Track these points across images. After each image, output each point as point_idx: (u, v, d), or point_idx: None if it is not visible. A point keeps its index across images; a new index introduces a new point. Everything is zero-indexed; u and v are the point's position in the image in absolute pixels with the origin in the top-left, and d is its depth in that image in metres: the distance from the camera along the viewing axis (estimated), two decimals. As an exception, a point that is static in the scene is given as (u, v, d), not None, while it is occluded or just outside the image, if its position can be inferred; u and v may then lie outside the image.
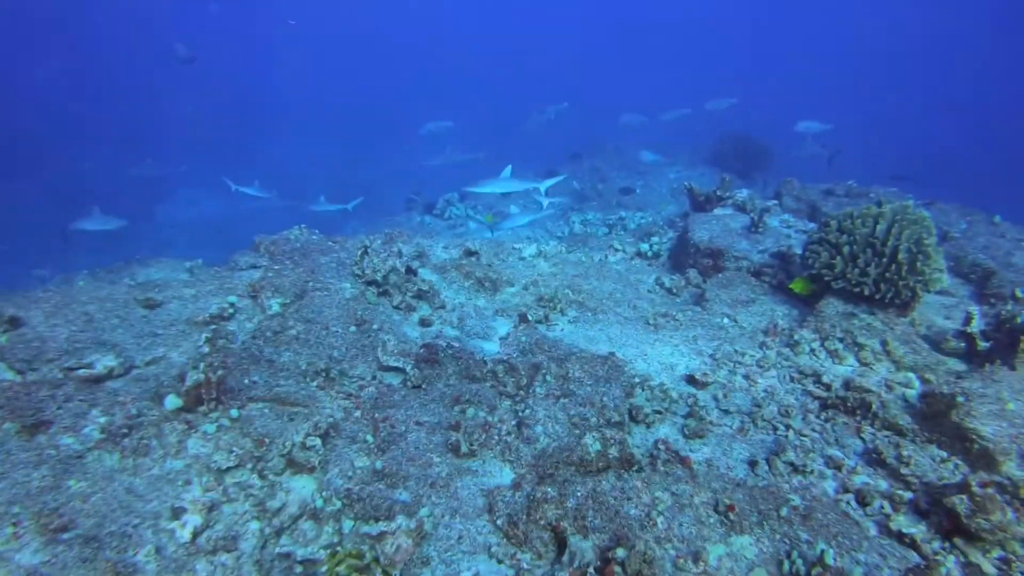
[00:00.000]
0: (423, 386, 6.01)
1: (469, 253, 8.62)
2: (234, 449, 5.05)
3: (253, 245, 9.37)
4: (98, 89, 49.41)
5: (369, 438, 5.22)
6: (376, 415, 5.42)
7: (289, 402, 5.73)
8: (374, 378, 6.26)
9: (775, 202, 11.56)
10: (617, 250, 11.37)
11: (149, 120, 43.67)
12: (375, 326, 6.90)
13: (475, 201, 19.41)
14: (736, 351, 7.24)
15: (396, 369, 6.33)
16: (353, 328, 6.79)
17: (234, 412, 5.39)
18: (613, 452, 4.75)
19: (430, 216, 18.44)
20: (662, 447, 5.11)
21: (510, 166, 11.48)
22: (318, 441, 5.21)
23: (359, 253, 7.43)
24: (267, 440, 5.16)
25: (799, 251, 9.16)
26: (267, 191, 16.05)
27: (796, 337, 7.32)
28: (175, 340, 6.77)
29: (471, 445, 5.04)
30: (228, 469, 4.93)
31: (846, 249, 7.30)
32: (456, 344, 6.30)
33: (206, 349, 6.51)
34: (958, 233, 9.49)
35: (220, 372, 5.41)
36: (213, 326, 6.92)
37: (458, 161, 18.98)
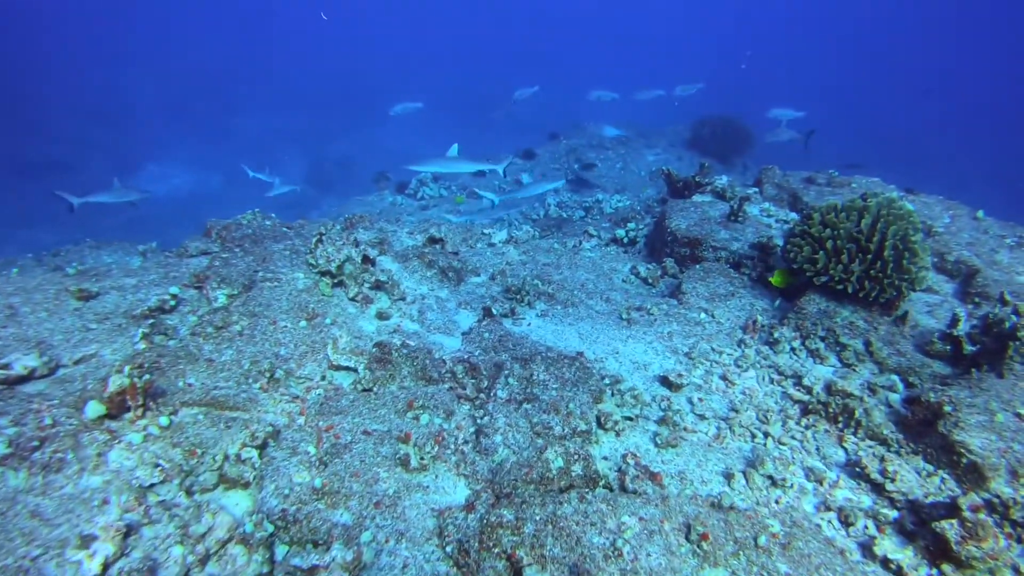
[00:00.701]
0: (374, 389, 5.55)
1: (433, 240, 8.13)
2: (161, 462, 4.58)
3: (205, 229, 8.82)
4: (61, 56, 47.85)
5: (311, 449, 4.75)
6: (320, 423, 4.95)
7: (227, 406, 5.26)
8: (323, 379, 5.79)
9: (755, 190, 11.17)
10: (592, 236, 10.94)
11: (116, 91, 42.42)
12: (327, 320, 6.41)
13: (450, 181, 18.88)
14: (713, 349, 6.85)
15: (348, 369, 5.86)
16: (303, 323, 6.30)
17: (164, 420, 4.91)
18: (577, 469, 4.32)
19: (402, 196, 17.86)
20: (631, 461, 4.70)
21: (456, 145, 10.97)
22: (255, 453, 4.74)
23: (313, 241, 6.91)
24: (199, 451, 4.69)
25: (780, 242, 8.78)
26: (275, 177, 15.29)
27: (776, 335, 6.95)
28: (109, 336, 6.25)
29: (422, 458, 4.60)
30: (152, 486, 4.46)
31: (829, 244, 6.91)
32: (412, 342, 5.83)
33: (141, 346, 6.01)
34: (941, 228, 9.16)
35: (147, 377, 4.91)
36: (152, 320, 6.40)
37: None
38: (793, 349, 6.87)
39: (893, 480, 4.92)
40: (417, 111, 20.58)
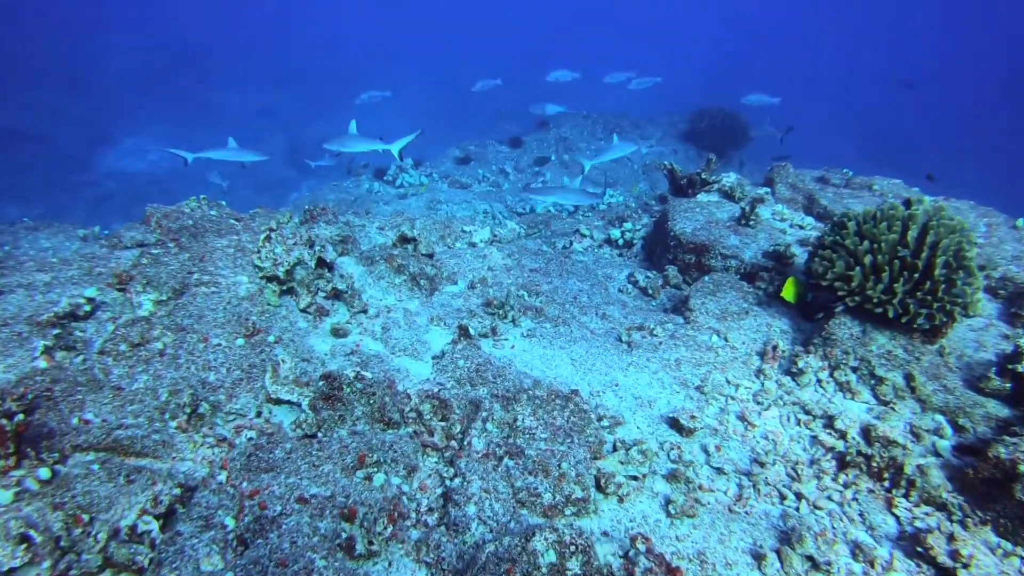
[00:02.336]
0: (319, 434, 4.47)
1: (405, 240, 7.02)
2: (31, 533, 3.49)
3: (144, 216, 7.66)
4: (34, 21, 45.98)
5: (229, 522, 3.67)
6: (245, 485, 3.87)
7: (133, 451, 4.17)
8: (258, 415, 4.71)
9: (767, 190, 10.15)
10: (584, 236, 9.91)
11: (92, 60, 40.76)
12: (271, 337, 5.32)
13: (431, 168, 17.74)
14: (728, 381, 5.84)
15: (290, 403, 4.78)
16: (241, 341, 5.20)
17: (44, 472, 3.81)
18: (574, 567, 3.28)
19: (380, 183, 16.69)
20: (641, 547, 3.66)
21: (354, 121, 10.04)
22: (155, 525, 3.66)
23: (261, 238, 5.80)
24: (86, 517, 3.61)
25: (797, 250, 7.79)
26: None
27: (800, 364, 5.93)
28: (5, 348, 5.12)
29: (370, 542, 3.53)
30: (13, 572, 3.37)
31: (867, 259, 5.89)
32: (368, 374, 4.74)
33: (42, 363, 4.89)
34: (980, 238, 8.18)
35: (19, 418, 3.81)
36: (58, 329, 5.27)
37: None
38: (820, 381, 5.87)
39: (967, 566, 3.93)
40: (385, 100, 19.46)
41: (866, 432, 5.14)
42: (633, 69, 20.99)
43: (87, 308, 5.55)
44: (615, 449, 4.58)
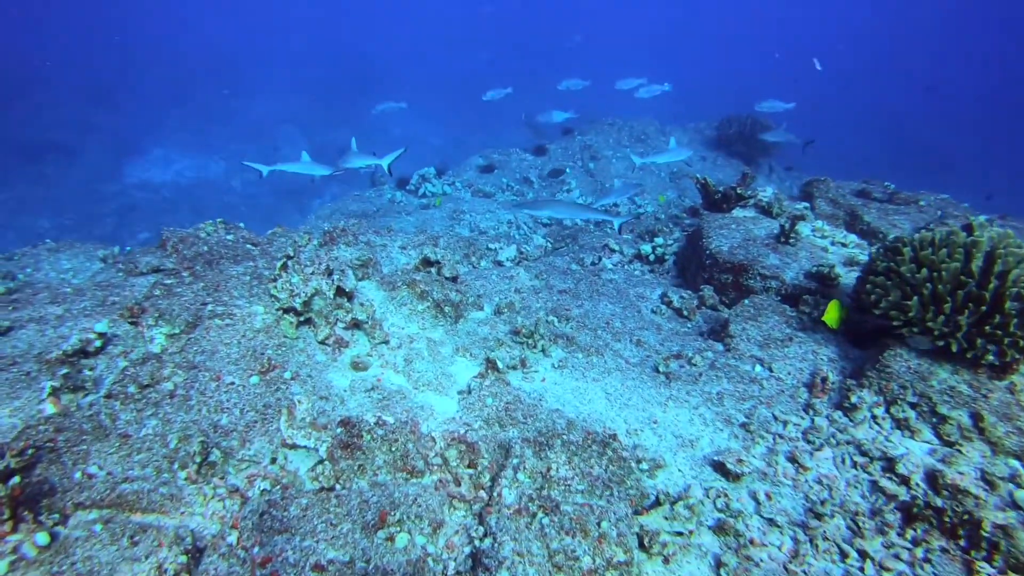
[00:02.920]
0: (338, 486, 4.14)
1: (428, 263, 6.69)
2: (24, 608, 3.20)
3: (160, 240, 7.43)
4: (63, 37, 46.53)
5: (238, 593, 3.36)
6: (256, 549, 3.54)
7: (139, 507, 3.87)
8: (273, 461, 4.39)
9: (805, 205, 9.69)
10: (613, 251, 9.53)
11: (119, 73, 41.16)
12: (287, 374, 5.01)
13: (454, 177, 17.44)
14: (775, 417, 5.43)
15: (307, 448, 4.46)
16: (255, 378, 4.89)
17: (42, 537, 3.52)
18: (619, 654, 2.92)
19: (402, 193, 16.41)
20: (693, 624, 3.29)
21: (354, 139, 9.95)
22: (157, 598, 3.36)
23: (278, 266, 5.50)
24: (84, 586, 3.32)
25: (842, 271, 7.36)
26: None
27: (853, 399, 5.50)
28: (12, 389, 4.87)
29: (392, 620, 3.20)
30: (1, 652, 3.09)
31: (926, 289, 5.46)
32: (390, 418, 4.40)
33: (49, 408, 4.63)
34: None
35: (15, 480, 3.53)
36: (67, 368, 5.01)
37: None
38: (875, 418, 5.44)
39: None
40: (400, 111, 19.27)
41: (932, 478, 4.72)
42: (644, 75, 20.42)
43: (98, 344, 5.29)
44: (658, 503, 4.20)
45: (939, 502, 4.47)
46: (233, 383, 4.82)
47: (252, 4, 59.39)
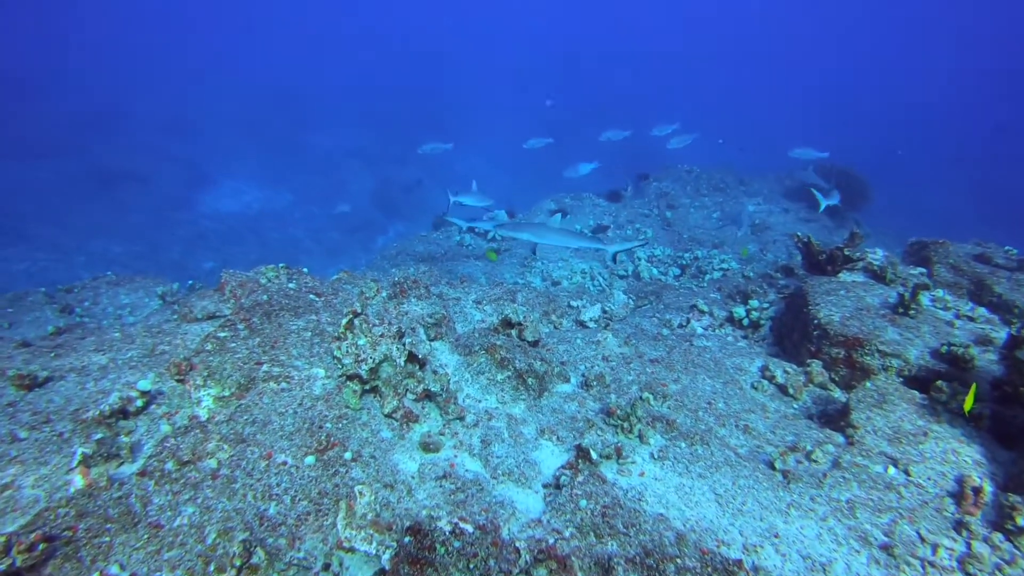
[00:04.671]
0: (403, 614, 3.39)
1: (508, 324, 5.97)
2: None
3: (218, 283, 6.91)
4: (142, 72, 48.35)
5: None
6: None
7: (163, 624, 3.19)
8: (326, 567, 3.67)
9: (921, 270, 8.70)
10: (703, 312, 8.69)
11: (192, 105, 42.39)
12: (348, 453, 4.32)
13: (524, 220, 16.83)
14: (921, 537, 4.49)
15: (366, 554, 3.73)
16: (311, 458, 4.21)
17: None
18: None
19: (471, 236, 15.86)
20: None
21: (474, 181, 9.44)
22: None
23: (343, 323, 4.84)
24: None
25: (976, 352, 6.37)
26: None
27: (1020, 520, 4.53)
28: (40, 453, 4.32)
29: None
30: None
31: (1116, 388, 4.50)
32: (467, 529, 3.63)
33: (78, 479, 4.03)
34: None
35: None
36: (102, 433, 4.42)
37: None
38: (1046, 543, 4.46)
39: None
40: (445, 152, 18.98)
41: None
42: (677, 121, 19.36)
43: (139, 403, 4.71)
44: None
45: None
46: (285, 463, 4.15)
47: (321, 42, 60.97)
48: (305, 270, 7.00)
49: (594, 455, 4.51)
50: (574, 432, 5.05)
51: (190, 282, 10.49)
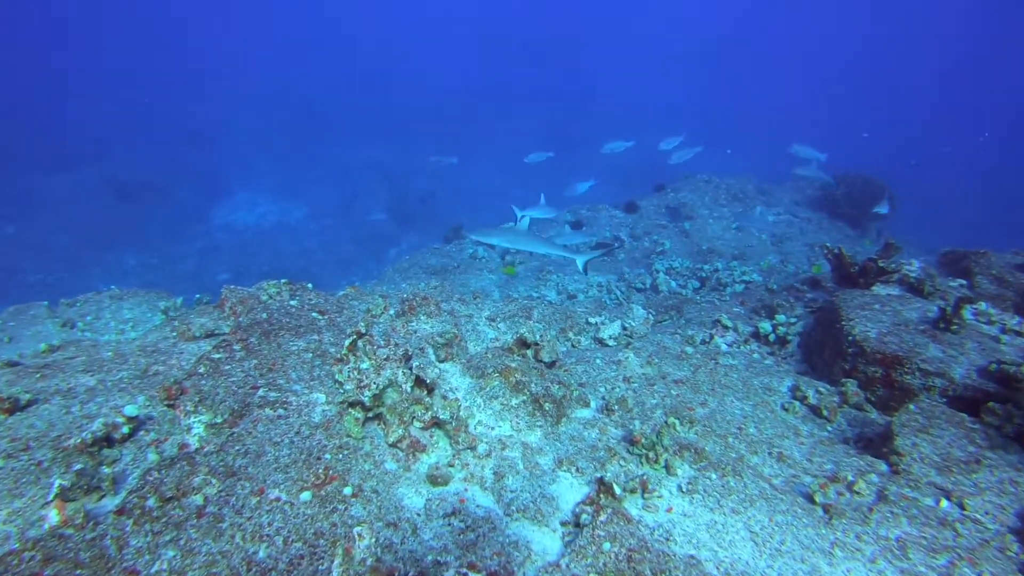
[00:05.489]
0: None
1: (524, 344, 5.58)
2: None
3: (219, 298, 6.58)
4: (160, 83, 48.64)
5: None
6: None
7: None
8: (322, 623, 3.29)
9: (962, 282, 8.24)
10: (727, 328, 8.26)
11: (211, 116, 42.54)
12: (347, 488, 3.94)
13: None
14: (982, 582, 4.05)
15: (365, 605, 3.34)
16: (307, 494, 3.83)
17: None
18: None
19: (485, 249, 15.50)
20: None
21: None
22: None
23: (346, 344, 4.48)
24: None
25: (1030, 371, 5.91)
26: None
27: (1091, 564, 4.08)
28: (16, 484, 3.98)
29: None
30: None
31: None
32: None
33: (54, 518, 3.68)
34: None
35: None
36: (82, 463, 4.08)
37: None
38: (1122, 590, 4.00)
39: None
40: (451, 165, 18.83)
41: None
42: (683, 132, 18.83)
43: (125, 430, 4.37)
44: None
45: None
46: (279, 499, 3.77)
47: (337, 54, 61.14)
48: (309, 285, 6.65)
49: (617, 490, 4.10)
50: (595, 463, 4.64)
51: (197, 296, 10.21)
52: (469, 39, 67.68)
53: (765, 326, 8.16)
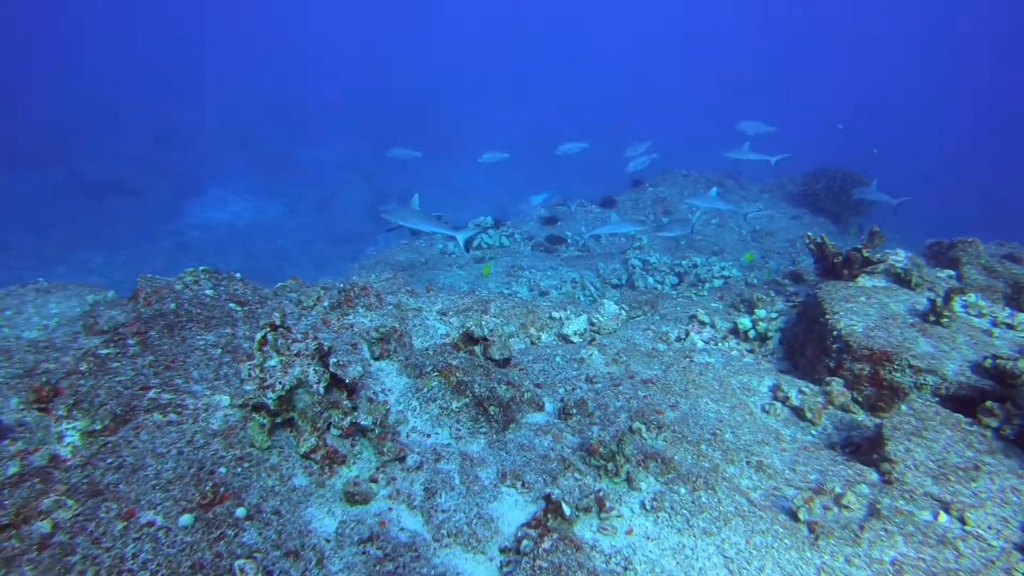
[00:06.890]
0: None
1: (471, 340, 4.92)
2: None
3: (134, 289, 5.88)
4: (133, 78, 47.58)
5: None
6: None
7: None
8: None
9: (950, 273, 7.69)
10: (704, 323, 7.66)
11: (182, 116, 41.59)
12: (241, 509, 3.26)
13: (512, 229, 15.81)
14: (993, 614, 3.45)
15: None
16: (188, 518, 3.16)
17: None
18: None
19: (454, 243, 14.82)
20: None
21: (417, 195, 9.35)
22: None
23: (257, 338, 3.80)
24: None
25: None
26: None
27: (1115, 591, 3.49)
28: None
29: None
30: None
31: None
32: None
33: None
34: None
35: None
36: (-76, 478, 3.38)
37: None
38: None
39: None
40: (416, 159, 18.37)
41: None
42: (649, 139, 18.18)
43: (-15, 439, 3.67)
44: None
45: None
46: (152, 524, 3.09)
47: (314, 53, 60.20)
48: (238, 275, 5.96)
49: (567, 510, 3.45)
50: (545, 475, 3.98)
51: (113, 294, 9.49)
52: (452, 36, 67.20)
53: (744, 322, 7.58)
